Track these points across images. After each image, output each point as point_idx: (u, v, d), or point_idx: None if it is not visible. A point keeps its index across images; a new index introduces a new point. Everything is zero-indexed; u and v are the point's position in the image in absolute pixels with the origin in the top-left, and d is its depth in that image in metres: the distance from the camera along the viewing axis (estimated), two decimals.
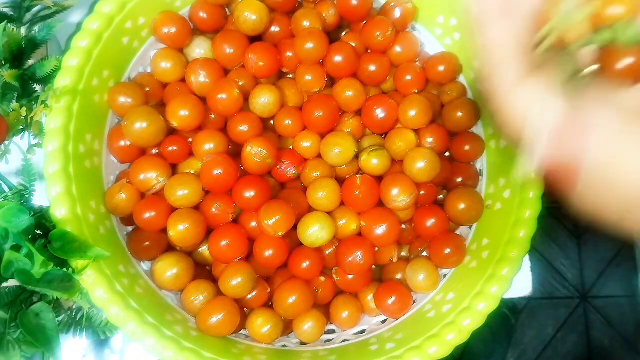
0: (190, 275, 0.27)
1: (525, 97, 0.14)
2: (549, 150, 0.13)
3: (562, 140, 0.13)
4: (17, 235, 0.24)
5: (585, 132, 0.13)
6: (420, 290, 0.29)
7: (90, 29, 0.27)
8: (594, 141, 0.13)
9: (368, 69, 0.31)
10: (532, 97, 0.14)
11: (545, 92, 0.14)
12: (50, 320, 0.25)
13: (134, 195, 0.28)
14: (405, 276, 0.30)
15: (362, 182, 0.28)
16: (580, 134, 0.13)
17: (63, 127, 0.25)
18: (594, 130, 0.13)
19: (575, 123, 0.13)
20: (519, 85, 0.14)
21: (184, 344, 0.24)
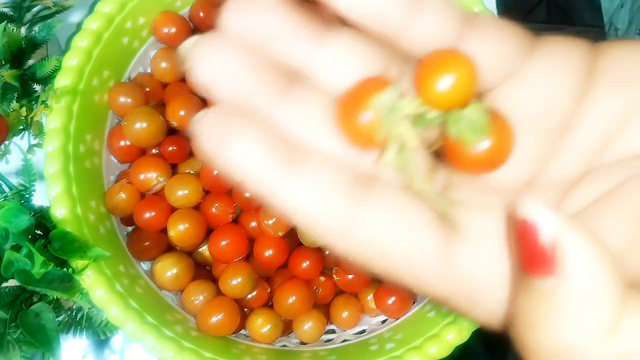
0: (190, 275, 0.27)
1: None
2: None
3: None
4: (17, 235, 0.24)
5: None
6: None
7: (90, 28, 0.27)
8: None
9: None
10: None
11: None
12: (50, 320, 0.25)
13: (134, 195, 0.28)
14: None
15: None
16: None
17: (63, 127, 0.26)
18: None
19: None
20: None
21: (184, 343, 0.24)
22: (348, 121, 0.10)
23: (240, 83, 0.10)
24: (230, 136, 0.09)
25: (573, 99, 0.10)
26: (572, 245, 0.08)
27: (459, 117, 0.10)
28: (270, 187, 0.10)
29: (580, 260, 0.08)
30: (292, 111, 0.10)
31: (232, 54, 0.10)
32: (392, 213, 0.10)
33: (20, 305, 0.25)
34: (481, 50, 0.10)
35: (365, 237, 0.10)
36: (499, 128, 0.10)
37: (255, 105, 0.10)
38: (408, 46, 0.10)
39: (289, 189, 0.10)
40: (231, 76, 0.10)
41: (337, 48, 0.10)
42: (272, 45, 0.10)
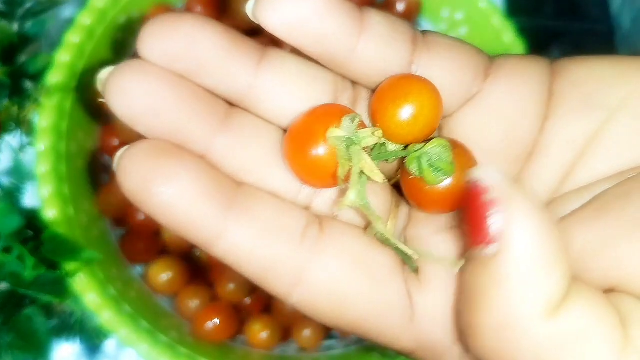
0: (186, 278, 0.27)
1: None
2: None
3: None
4: (8, 237, 0.24)
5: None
6: None
7: (83, 24, 0.26)
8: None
9: None
10: None
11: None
12: (42, 324, 0.24)
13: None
14: None
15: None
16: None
17: (55, 125, 0.25)
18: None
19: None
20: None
21: (179, 349, 0.23)
22: (298, 156, 0.09)
23: (167, 116, 0.09)
24: (159, 176, 0.08)
25: (534, 124, 0.10)
26: (518, 210, 0.07)
27: (421, 154, 0.09)
28: (209, 233, 0.09)
29: (524, 225, 0.07)
30: (231, 144, 0.09)
31: (154, 84, 0.09)
32: (351, 260, 0.09)
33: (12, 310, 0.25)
34: (435, 74, 0.09)
35: (321, 287, 0.09)
36: (463, 164, 0.09)
37: (189, 140, 0.09)
38: (355, 71, 0.09)
39: (232, 236, 0.09)
40: (156, 109, 0.09)
41: (279, 73, 0.09)
42: (202, 73, 0.09)
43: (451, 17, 0.31)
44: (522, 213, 0.07)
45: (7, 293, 0.25)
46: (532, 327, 0.08)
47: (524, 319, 0.08)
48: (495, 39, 0.30)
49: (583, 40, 0.45)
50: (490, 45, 0.30)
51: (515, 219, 0.07)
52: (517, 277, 0.08)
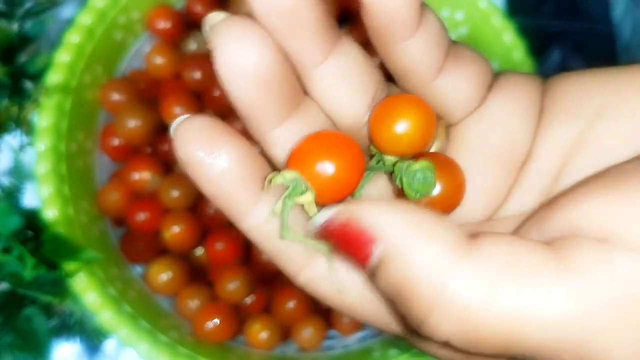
0: (186, 278, 0.27)
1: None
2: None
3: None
4: (8, 237, 0.24)
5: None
6: None
7: (82, 24, 0.26)
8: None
9: None
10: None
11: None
12: (42, 324, 0.24)
13: (127, 195, 0.27)
14: None
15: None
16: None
17: (54, 125, 0.25)
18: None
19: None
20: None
21: (179, 349, 0.23)
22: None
23: (253, 91, 0.09)
24: (209, 150, 0.09)
25: (528, 134, 0.11)
26: (386, 222, 0.08)
27: (407, 171, 0.10)
28: (238, 211, 0.10)
29: (394, 231, 0.08)
30: (282, 139, 0.10)
31: (257, 46, 0.09)
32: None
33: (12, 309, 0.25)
34: (458, 85, 0.10)
35: (324, 272, 0.10)
36: (448, 181, 0.10)
37: (256, 123, 0.10)
38: (399, 64, 0.10)
39: (256, 216, 0.10)
40: (248, 80, 0.09)
41: (337, 67, 0.10)
42: (289, 40, 0.09)
43: (451, 17, 0.31)
44: (382, 221, 0.08)
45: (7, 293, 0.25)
46: (452, 277, 0.08)
47: (441, 276, 0.08)
48: (495, 38, 0.30)
49: (583, 40, 0.45)
50: (491, 45, 0.30)
51: (386, 229, 0.08)
52: (409, 263, 0.08)
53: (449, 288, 0.08)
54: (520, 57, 0.29)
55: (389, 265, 0.08)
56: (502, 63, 0.30)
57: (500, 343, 0.08)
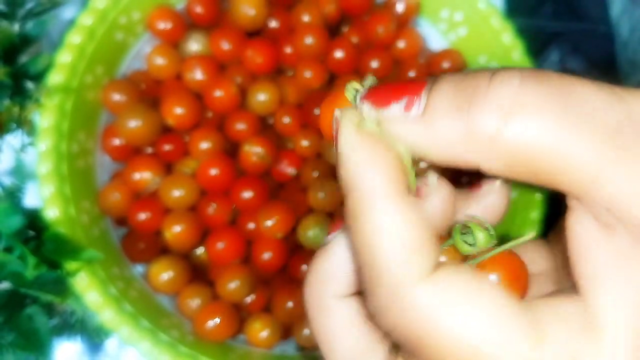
0: (186, 278, 0.27)
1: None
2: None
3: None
4: (9, 237, 0.24)
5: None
6: None
7: (83, 25, 0.26)
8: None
9: (370, 65, 0.30)
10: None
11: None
12: (43, 323, 0.24)
13: (129, 195, 0.27)
14: None
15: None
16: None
17: (56, 125, 0.25)
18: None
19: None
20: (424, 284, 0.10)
21: (180, 348, 0.24)
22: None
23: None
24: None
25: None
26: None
27: (464, 231, 0.11)
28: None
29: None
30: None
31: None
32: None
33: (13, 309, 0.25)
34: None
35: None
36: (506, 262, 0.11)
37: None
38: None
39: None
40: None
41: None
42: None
43: (450, 18, 0.31)
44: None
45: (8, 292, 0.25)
46: (413, 292, 0.09)
47: (405, 285, 0.09)
48: (494, 39, 0.30)
49: (582, 41, 0.45)
50: (490, 45, 0.30)
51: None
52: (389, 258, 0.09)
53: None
54: (519, 58, 0.29)
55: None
56: (501, 63, 0.30)
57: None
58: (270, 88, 0.29)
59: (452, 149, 0.10)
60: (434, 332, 0.09)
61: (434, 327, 0.09)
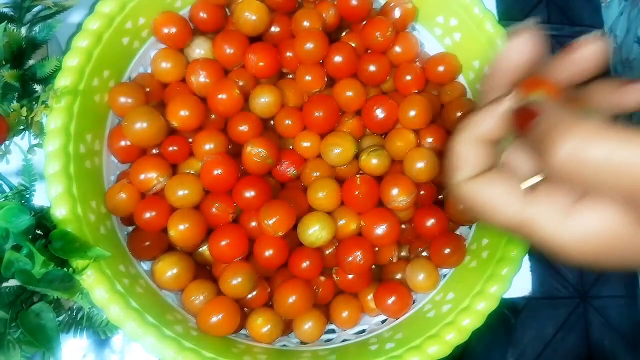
0: (191, 275, 0.27)
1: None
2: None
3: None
4: (18, 235, 0.24)
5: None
6: (420, 290, 0.29)
7: (90, 29, 0.27)
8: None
9: (368, 69, 0.31)
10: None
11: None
12: (51, 320, 0.25)
13: (134, 195, 0.28)
14: (404, 276, 0.30)
15: (362, 182, 0.28)
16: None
17: (63, 127, 0.25)
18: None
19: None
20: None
21: (184, 343, 0.24)
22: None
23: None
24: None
25: None
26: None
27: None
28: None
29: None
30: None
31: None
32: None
33: (21, 305, 0.25)
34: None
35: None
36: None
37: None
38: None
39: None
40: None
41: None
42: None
43: (446, 23, 0.32)
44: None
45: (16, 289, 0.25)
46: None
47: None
48: (488, 43, 0.30)
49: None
50: (484, 50, 0.31)
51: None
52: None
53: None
54: None
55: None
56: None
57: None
58: (271, 91, 0.29)
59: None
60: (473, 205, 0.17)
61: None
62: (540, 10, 0.48)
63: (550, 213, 0.15)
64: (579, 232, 0.14)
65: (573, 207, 0.15)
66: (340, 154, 0.29)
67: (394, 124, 0.31)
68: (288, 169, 0.29)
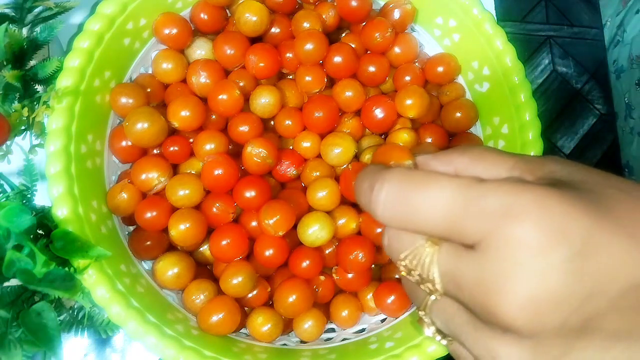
0: (191, 274, 0.28)
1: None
2: None
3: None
4: (19, 235, 0.24)
5: None
6: None
7: (91, 30, 0.27)
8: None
9: (367, 69, 0.31)
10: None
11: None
12: (52, 319, 0.25)
13: (135, 195, 0.28)
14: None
15: (353, 168, 0.28)
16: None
17: (65, 127, 0.26)
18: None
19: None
20: None
21: (185, 342, 0.24)
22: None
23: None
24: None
25: None
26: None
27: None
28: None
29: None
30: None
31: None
32: None
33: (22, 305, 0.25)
34: None
35: None
36: None
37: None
38: None
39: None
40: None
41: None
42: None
43: (445, 24, 0.32)
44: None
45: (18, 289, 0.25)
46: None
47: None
48: (487, 44, 0.31)
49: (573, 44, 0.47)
50: (483, 51, 0.31)
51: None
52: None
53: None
54: (511, 63, 0.30)
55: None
56: (493, 68, 0.31)
57: None
58: (272, 92, 0.29)
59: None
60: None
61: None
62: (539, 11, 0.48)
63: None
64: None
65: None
66: (340, 154, 0.29)
67: (394, 124, 0.31)
68: (288, 169, 0.30)
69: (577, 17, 0.48)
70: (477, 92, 0.32)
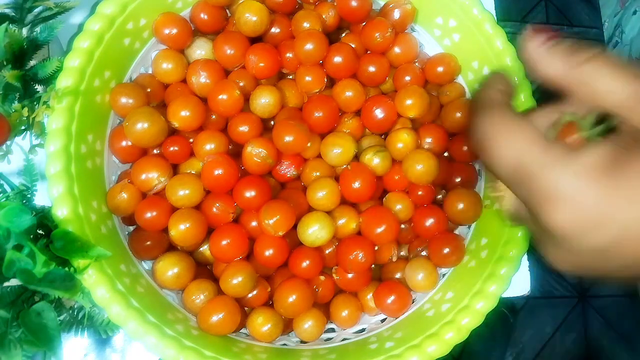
0: (191, 274, 0.28)
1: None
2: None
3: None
4: (19, 235, 0.24)
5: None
6: (419, 289, 0.30)
7: (91, 30, 0.27)
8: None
9: (367, 69, 0.31)
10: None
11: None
12: (52, 319, 0.25)
13: (135, 195, 0.28)
14: (404, 275, 0.30)
15: (353, 168, 0.28)
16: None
17: (65, 127, 0.26)
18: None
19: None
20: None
21: (185, 342, 0.24)
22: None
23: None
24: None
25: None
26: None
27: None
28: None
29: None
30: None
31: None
32: None
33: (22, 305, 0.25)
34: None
35: None
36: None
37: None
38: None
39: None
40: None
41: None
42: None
43: (445, 24, 0.32)
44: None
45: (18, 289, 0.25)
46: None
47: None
48: (487, 44, 0.31)
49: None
50: (483, 51, 0.31)
51: None
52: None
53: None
54: (511, 63, 0.30)
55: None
56: (493, 68, 0.31)
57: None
58: (272, 92, 0.29)
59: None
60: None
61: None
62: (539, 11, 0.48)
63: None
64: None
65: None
66: (341, 154, 0.29)
67: (394, 124, 0.31)
68: (288, 169, 0.30)
69: (577, 17, 0.48)
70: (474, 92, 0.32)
